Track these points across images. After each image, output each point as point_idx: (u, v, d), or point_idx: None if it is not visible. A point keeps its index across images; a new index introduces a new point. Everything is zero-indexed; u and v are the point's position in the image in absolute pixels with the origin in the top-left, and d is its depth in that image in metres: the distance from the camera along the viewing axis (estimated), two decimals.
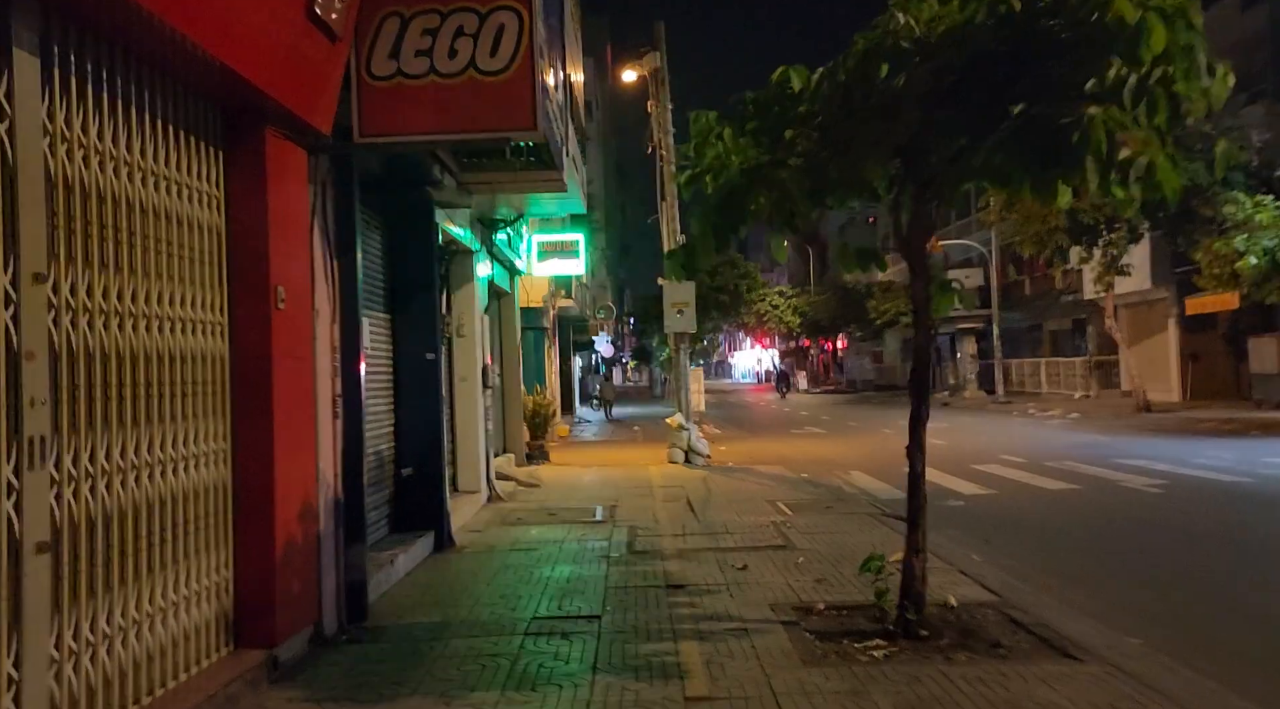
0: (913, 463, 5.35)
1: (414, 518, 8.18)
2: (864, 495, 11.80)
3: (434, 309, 8.32)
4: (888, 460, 15.76)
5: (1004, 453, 16.14)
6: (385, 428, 7.98)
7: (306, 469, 5.29)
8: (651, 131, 16.51)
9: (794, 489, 12.00)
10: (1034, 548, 8.22)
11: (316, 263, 5.59)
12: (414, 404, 8.27)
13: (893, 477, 13.51)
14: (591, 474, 14.37)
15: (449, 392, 10.73)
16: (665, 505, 10.75)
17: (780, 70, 5.15)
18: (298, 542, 5.09)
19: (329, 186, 5.84)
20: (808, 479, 13.29)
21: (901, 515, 10.21)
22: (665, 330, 15.83)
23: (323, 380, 5.61)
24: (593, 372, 51.89)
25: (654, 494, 11.81)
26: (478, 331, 11.10)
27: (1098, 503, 10.65)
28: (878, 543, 7.93)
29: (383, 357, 7.99)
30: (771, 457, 17.09)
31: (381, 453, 7.85)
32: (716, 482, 13.00)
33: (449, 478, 10.50)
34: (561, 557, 7.80)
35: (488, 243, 11.64)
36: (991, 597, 6.05)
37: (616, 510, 10.44)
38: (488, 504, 11.01)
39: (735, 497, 11.33)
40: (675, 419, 15.72)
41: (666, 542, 8.36)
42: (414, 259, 8.28)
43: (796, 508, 10.22)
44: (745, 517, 9.70)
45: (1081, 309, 35.06)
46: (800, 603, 6.03)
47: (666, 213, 15.93)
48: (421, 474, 8.24)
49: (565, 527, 9.34)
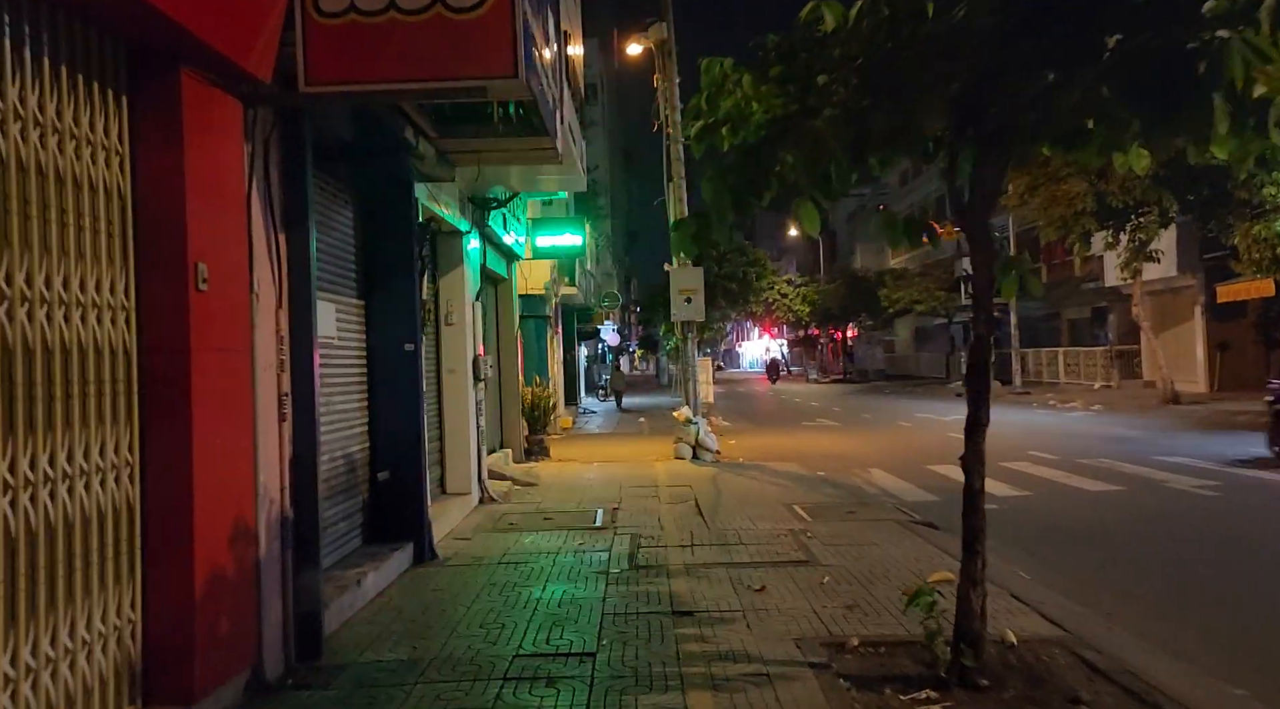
0: (970, 476, 4.44)
1: (391, 527, 7.32)
2: (887, 498, 10.90)
3: (413, 294, 7.44)
4: (909, 457, 14.86)
5: (1033, 449, 15.21)
6: (357, 428, 7.10)
7: (240, 483, 4.41)
8: (657, 107, 15.55)
9: (811, 490, 11.10)
10: (1086, 561, 7.31)
11: (257, 237, 4.70)
12: (390, 400, 7.39)
13: (916, 476, 12.61)
14: (593, 471, 13.50)
15: (436, 385, 9.85)
16: (671, 508, 9.87)
17: (810, 7, 4.23)
18: (227, 571, 4.22)
19: (274, 147, 4.95)
20: (825, 478, 12.39)
21: (933, 523, 9.36)
22: (672, 319, 14.92)
23: (265, 377, 4.73)
24: (599, 361, 51.03)
25: (659, 495, 10.93)
26: (468, 320, 10.22)
27: (1147, 506, 9.72)
28: (912, 559, 7.04)
29: (353, 348, 7.12)
30: (784, 452, 16.19)
31: (352, 456, 6.98)
32: (727, 480, 12.11)
33: (436, 479, 9.64)
34: (555, 572, 6.93)
35: (480, 224, 10.73)
36: (1056, 630, 5.15)
37: (618, 514, 9.56)
38: (479, 506, 10.14)
39: (748, 498, 10.44)
40: (683, 412, 14.83)
41: (673, 554, 7.47)
42: (391, 238, 7.39)
43: (815, 513, 9.33)
44: (760, 523, 8.81)
45: (1102, 297, 34.00)
46: (831, 637, 5.14)
47: (674, 194, 14.99)
48: (399, 478, 7.37)
49: (562, 534, 8.47)
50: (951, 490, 12.08)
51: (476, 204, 10.51)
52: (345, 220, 7.04)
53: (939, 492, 11.28)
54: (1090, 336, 36.77)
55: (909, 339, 58.81)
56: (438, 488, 9.78)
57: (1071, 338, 38.54)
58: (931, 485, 11.78)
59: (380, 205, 7.35)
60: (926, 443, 17.24)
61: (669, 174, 15.03)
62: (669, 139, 15.09)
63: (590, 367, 45.84)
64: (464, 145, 6.98)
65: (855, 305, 51.40)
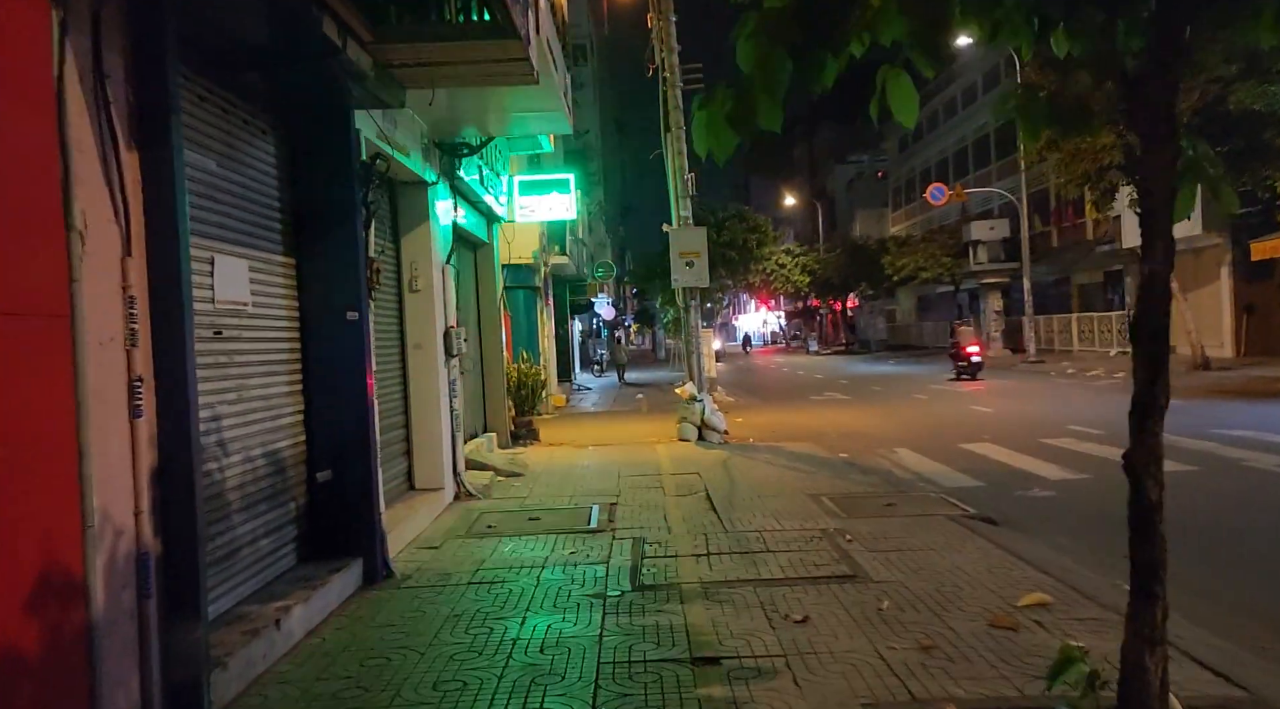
0: (1141, 483, 2.98)
1: (334, 540, 5.88)
2: (923, 484, 9.50)
3: (356, 250, 5.95)
4: (935, 434, 13.47)
5: (1071, 423, 13.81)
6: (286, 417, 5.64)
7: (49, 512, 2.97)
8: (652, 49, 13.98)
9: (836, 476, 9.69)
10: (1193, 567, 5.88)
11: (81, 152, 3.22)
12: (331, 381, 5.93)
13: (949, 456, 11.22)
14: (588, 457, 12.08)
15: (400, 363, 8.40)
16: (679, 502, 8.46)
17: None
18: (26, 643, 2.78)
19: (116, 28, 3.45)
20: (848, 461, 10.98)
21: (990, 517, 7.93)
22: (673, 285, 13.45)
23: (100, 354, 3.27)
24: (594, 335, 49.55)
25: (664, 484, 9.52)
26: (438, 286, 8.74)
27: (1233, 492, 8.33)
28: (984, 571, 5.62)
29: (279, 316, 5.64)
30: (796, 430, 14.79)
31: (280, 453, 5.52)
32: (739, 465, 10.70)
33: (402, 473, 8.22)
34: (539, 596, 5.50)
35: (449, 174, 9.22)
36: (1230, 689, 3.73)
37: (617, 511, 8.15)
38: (454, 504, 8.71)
39: (766, 488, 9.03)
40: (686, 389, 13.39)
41: (685, 566, 6.06)
42: (326, 180, 5.90)
43: (848, 506, 7.92)
44: (785, 521, 7.39)
45: (1117, 260, 32.51)
46: (913, 700, 3.73)
47: (672, 146, 13.44)
48: (343, 478, 5.93)
49: (549, 539, 7.05)
50: (994, 474, 10.65)
51: (445, 150, 8.99)
52: (264, 154, 5.54)
53: (980, 475, 9.88)
54: (1103, 302, 35.33)
55: (911, 308, 57.37)
56: (403, 484, 8.35)
57: (1082, 304, 37.10)
58: (969, 467, 10.38)
59: (311, 137, 5.85)
60: (950, 417, 15.84)
61: (666, 124, 13.49)
62: (665, 85, 13.53)
63: (585, 341, 44.36)
64: (411, 54, 5.47)
65: (857, 274, 49.94)
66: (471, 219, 11.38)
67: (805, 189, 76.14)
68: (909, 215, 57.47)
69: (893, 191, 62.68)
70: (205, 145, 4.77)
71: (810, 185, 77.81)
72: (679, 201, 13.41)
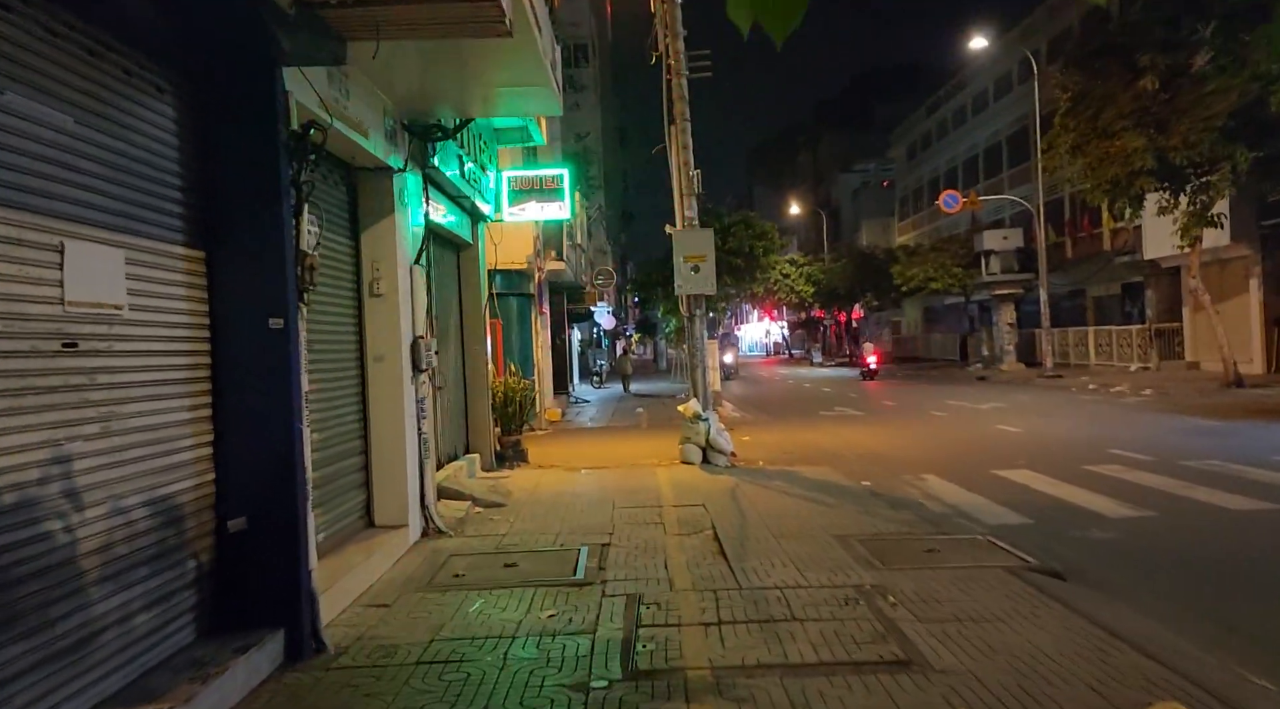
0: None
1: (250, 606, 4.68)
2: (960, 519, 8.28)
3: (281, 242, 4.76)
4: (964, 459, 12.25)
5: (1111, 446, 12.59)
6: (183, 452, 4.44)
7: None
8: (654, 37, 12.82)
9: (861, 510, 8.47)
10: None
11: None
12: (248, 405, 4.74)
13: (984, 485, 10.00)
14: (580, 482, 10.86)
15: (359, 379, 7.22)
16: (682, 543, 7.25)
17: None
18: None
19: None
20: (872, 491, 9.76)
21: (1056, 570, 6.52)
22: (676, 291, 12.25)
23: None
24: (594, 345, 48.32)
25: (665, 519, 8.31)
26: (404, 290, 7.55)
27: None
28: (1073, 654, 4.39)
29: (178, 324, 4.45)
30: (809, 451, 13.57)
31: (172, 499, 4.32)
32: (750, 496, 9.48)
33: (358, 507, 7.03)
34: (502, 686, 4.28)
35: (420, 162, 8.05)
36: None
37: (609, 554, 6.94)
38: (420, 543, 7.50)
39: (783, 526, 7.81)
40: (690, 406, 12.17)
41: (691, 640, 4.84)
42: (244, 153, 4.72)
43: (882, 551, 6.70)
44: (811, 571, 6.18)
45: (1137, 271, 31.32)
46: None
47: (677, 139, 12.26)
48: (263, 527, 4.72)
49: (525, 595, 5.84)
50: (1040, 508, 8.86)
51: (415, 133, 7.82)
52: (158, 118, 4.36)
53: (1025, 509, 8.66)
54: (1120, 315, 34.11)
55: (918, 319, 56.18)
56: (360, 521, 7.14)
57: (1098, 317, 35.88)
58: (1010, 500, 9.15)
59: (226, 100, 4.67)
60: (976, 438, 14.60)
61: (670, 115, 12.31)
62: (670, 73, 12.36)
63: (585, 351, 43.13)
64: None
65: (863, 284, 48.73)
66: (453, 217, 10.21)
67: (809, 198, 75.08)
68: (917, 225, 56.34)
69: (900, 201, 61.59)
70: (56, 94, 3.59)
71: (815, 194, 76.75)
72: (683, 200, 12.23)
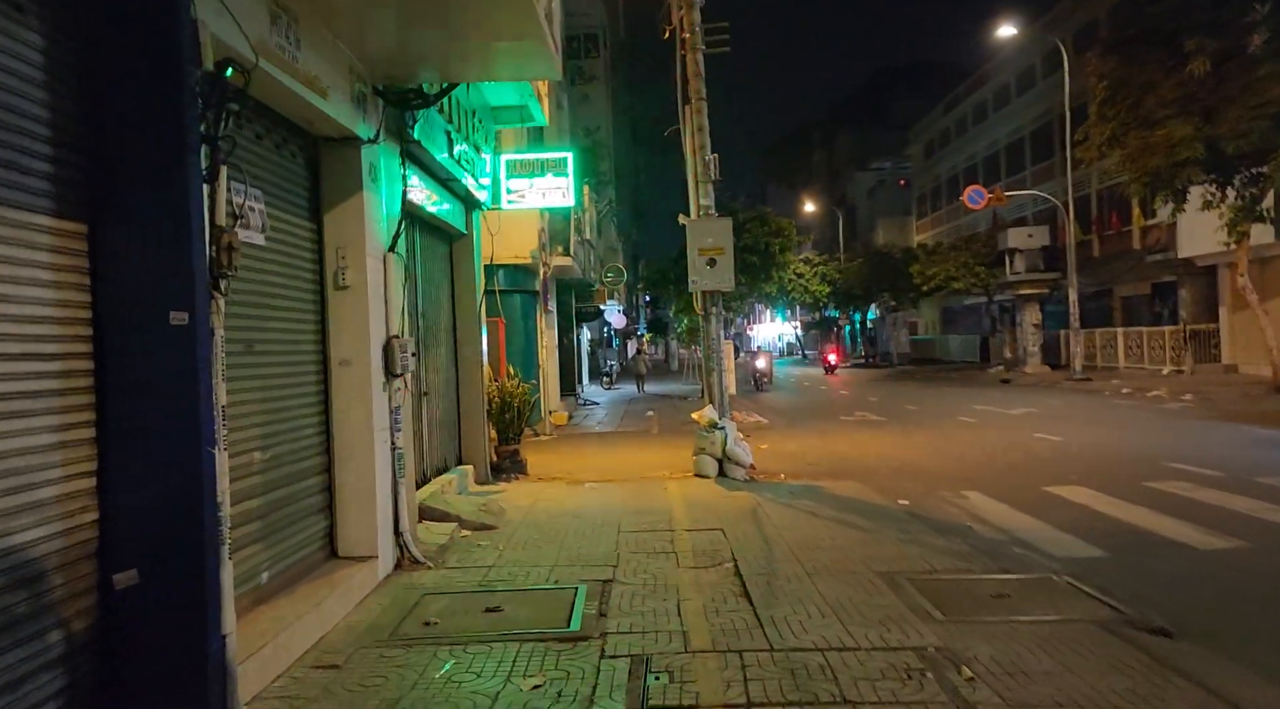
0: None
1: (142, 684, 3.61)
2: (1019, 547, 7.17)
3: (186, 214, 3.70)
4: (1002, 471, 11.11)
5: (1168, 458, 11.42)
6: (51, 486, 3.38)
7: None
8: (667, 9, 11.72)
9: (904, 536, 7.35)
10: None
11: None
12: (142, 423, 3.67)
13: (1038, 506, 8.86)
14: (583, 498, 9.78)
15: (322, 385, 6.18)
16: (698, 581, 6.16)
17: None
18: None
19: None
20: (911, 511, 8.65)
21: (1164, 628, 4.47)
22: (690, 288, 11.15)
23: None
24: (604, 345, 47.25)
25: (677, 546, 7.22)
26: (375, 282, 6.49)
27: None
28: None
29: (48, 318, 3.39)
30: (833, 462, 12.46)
31: (34, 547, 3.26)
32: (774, 517, 8.37)
33: (319, 535, 5.98)
34: None
35: (398, 134, 6.99)
36: None
37: (612, 593, 5.85)
38: (393, 577, 6.43)
39: (816, 557, 6.70)
40: (705, 414, 11.07)
41: None
42: (138, 99, 3.66)
43: (940, 594, 5.59)
44: (857, 624, 5.08)
45: (1170, 270, 30.02)
46: None
47: (692, 121, 11.16)
48: (160, 582, 3.66)
49: (508, 653, 4.76)
50: (1109, 535, 7.43)
51: (390, 100, 6.75)
52: (17, 46, 3.30)
53: (1093, 537, 7.51)
54: (1150, 316, 32.79)
55: (935, 320, 54.87)
56: (320, 552, 6.07)
57: (1125, 318, 34.56)
58: (1072, 524, 8.02)
59: (113, 26, 3.61)
60: (1014, 448, 13.42)
61: (684, 94, 11.21)
62: (684, 48, 11.26)
63: (595, 351, 42.04)
64: None
65: (880, 284, 47.47)
66: (442, 202, 9.15)
67: (824, 197, 73.80)
68: (935, 223, 55.05)
69: (917, 199, 60.32)
70: None
71: (829, 193, 75.47)
72: (699, 188, 11.13)
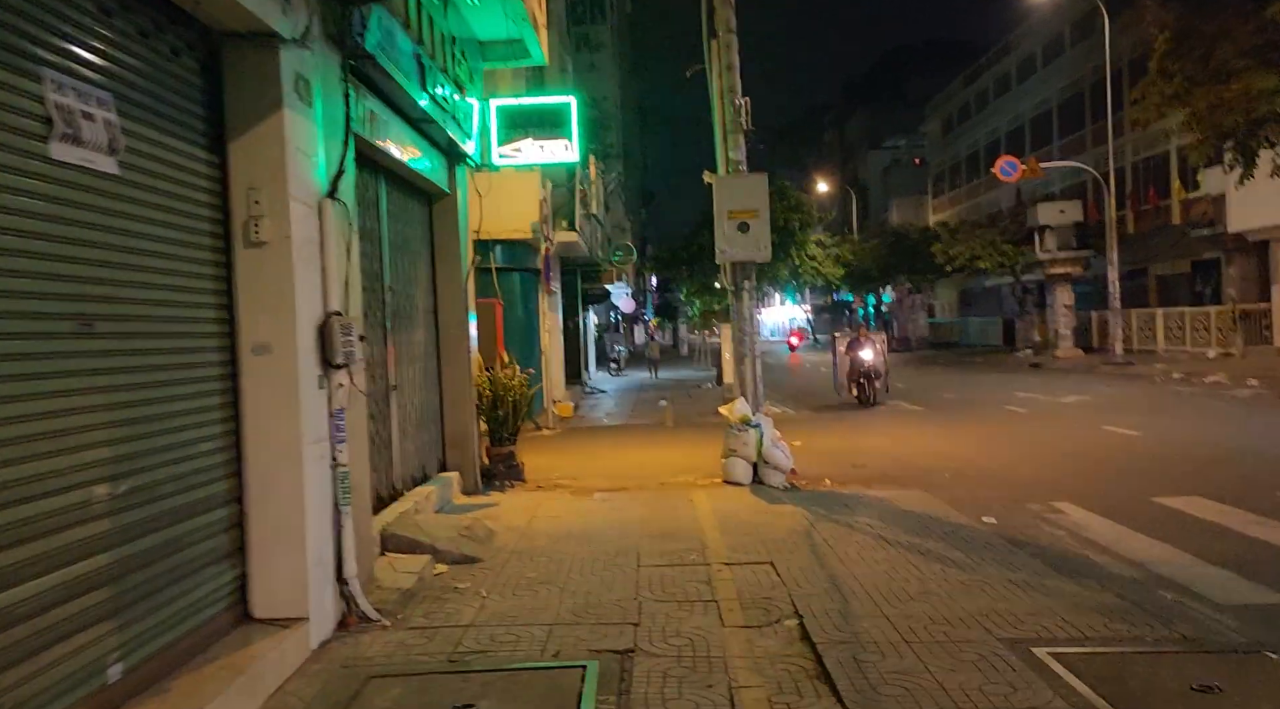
0: None
1: None
2: (1167, 590, 5.40)
3: None
4: (1086, 472, 9.33)
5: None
6: None
7: None
8: None
9: (1014, 575, 5.58)
10: None
11: None
12: None
13: (1151, 522, 7.05)
14: (591, 515, 8.02)
15: (231, 380, 4.41)
16: (752, 649, 4.41)
17: None
18: None
19: None
20: (1000, 532, 6.89)
21: None
22: (719, 259, 9.34)
23: None
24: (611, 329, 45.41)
25: (717, 590, 5.47)
26: (302, 237, 4.71)
27: None
28: None
29: None
30: (880, 460, 10.70)
31: None
32: (836, 546, 6.60)
33: (225, 587, 4.22)
34: None
35: (340, 41, 5.21)
36: None
37: (633, 677, 4.11)
38: (329, 646, 4.67)
39: (911, 613, 4.95)
40: (735, 409, 9.29)
41: None
42: None
43: (1115, 687, 3.83)
44: None
45: (1215, 246, 28.11)
46: None
47: (719, 59, 9.33)
48: None
49: None
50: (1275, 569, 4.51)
51: None
52: None
53: (1263, 575, 5.64)
54: (1190, 295, 30.86)
55: (953, 302, 52.91)
56: (226, 614, 4.31)
57: (1161, 298, 32.62)
58: (1220, 553, 6.19)
59: None
60: (1090, 446, 11.52)
61: (710, 27, 9.38)
62: None
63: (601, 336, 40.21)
64: None
65: (897, 265, 45.52)
66: (417, 149, 7.38)
67: (836, 177, 71.68)
68: (953, 202, 53.04)
69: (934, 178, 58.26)
70: None
71: (842, 173, 73.43)
72: (727, 139, 9.31)
